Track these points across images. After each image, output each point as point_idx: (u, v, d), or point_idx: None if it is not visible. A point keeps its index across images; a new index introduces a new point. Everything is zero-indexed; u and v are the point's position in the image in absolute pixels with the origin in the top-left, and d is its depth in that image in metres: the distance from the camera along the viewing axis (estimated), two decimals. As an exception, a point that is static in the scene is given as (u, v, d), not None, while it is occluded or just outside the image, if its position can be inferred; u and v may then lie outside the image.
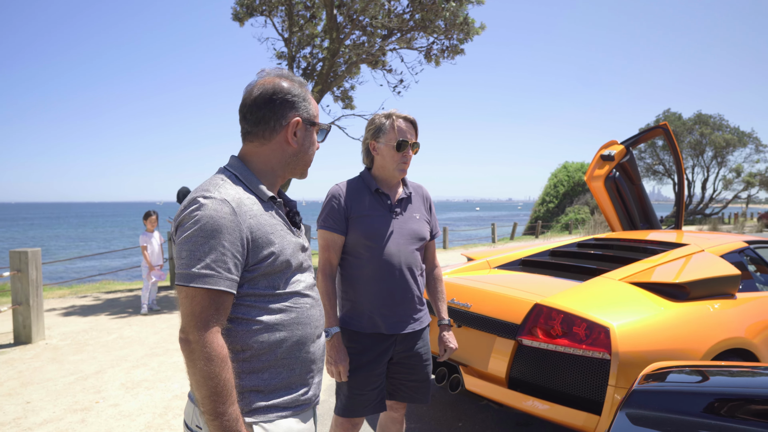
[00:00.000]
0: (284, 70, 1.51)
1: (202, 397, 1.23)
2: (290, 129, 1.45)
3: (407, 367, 2.34)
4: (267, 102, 1.43)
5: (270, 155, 1.46)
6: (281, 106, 1.43)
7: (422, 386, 2.38)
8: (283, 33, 11.36)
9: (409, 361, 2.33)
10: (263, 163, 1.46)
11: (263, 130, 1.44)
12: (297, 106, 1.45)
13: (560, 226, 31.45)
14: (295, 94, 1.46)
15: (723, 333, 2.79)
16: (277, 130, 1.44)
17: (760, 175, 37.21)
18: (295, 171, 1.52)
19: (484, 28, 11.36)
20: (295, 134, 1.46)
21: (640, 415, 1.48)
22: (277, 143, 1.46)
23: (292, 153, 1.48)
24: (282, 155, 1.47)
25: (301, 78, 1.52)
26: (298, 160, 1.50)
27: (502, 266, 4.06)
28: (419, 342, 2.35)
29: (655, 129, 5.61)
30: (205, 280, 1.24)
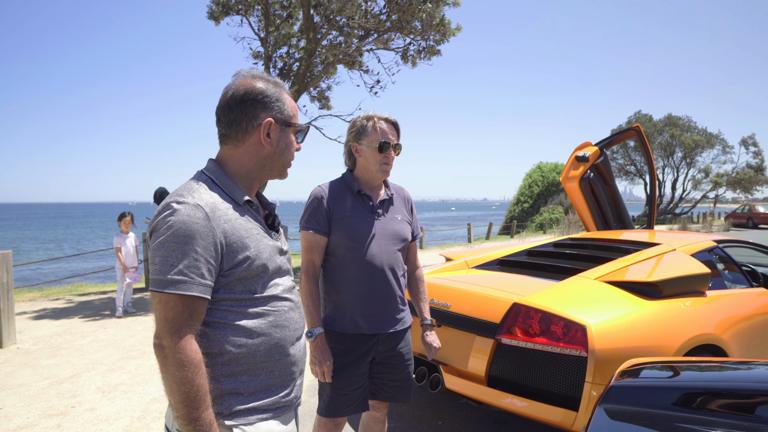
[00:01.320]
0: (259, 71, 1.51)
1: (175, 402, 1.23)
2: (263, 130, 1.44)
3: (389, 367, 2.36)
4: (238, 103, 1.43)
5: (245, 157, 1.45)
6: (252, 106, 1.43)
7: (404, 386, 2.41)
8: (259, 32, 11.29)
9: (391, 361, 2.36)
10: (239, 166, 1.46)
11: (236, 132, 1.44)
12: (269, 106, 1.44)
13: (535, 225, 31.80)
14: (268, 94, 1.45)
15: (694, 330, 2.88)
16: (250, 132, 1.44)
17: (727, 175, 38.14)
18: (272, 172, 1.51)
19: (460, 29, 11.46)
20: (269, 135, 1.45)
21: (618, 410, 1.53)
22: (251, 145, 1.45)
23: (267, 154, 1.47)
24: (257, 157, 1.46)
25: (277, 78, 1.52)
26: (274, 162, 1.49)
27: (480, 266, 4.11)
28: (401, 342, 2.38)
29: (628, 131, 5.74)
30: (179, 286, 1.25)
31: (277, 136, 1.46)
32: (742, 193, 38.56)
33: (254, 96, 1.43)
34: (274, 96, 1.46)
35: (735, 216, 32.31)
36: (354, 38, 11.24)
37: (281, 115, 1.47)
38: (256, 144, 1.45)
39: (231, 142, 1.45)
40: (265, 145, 1.45)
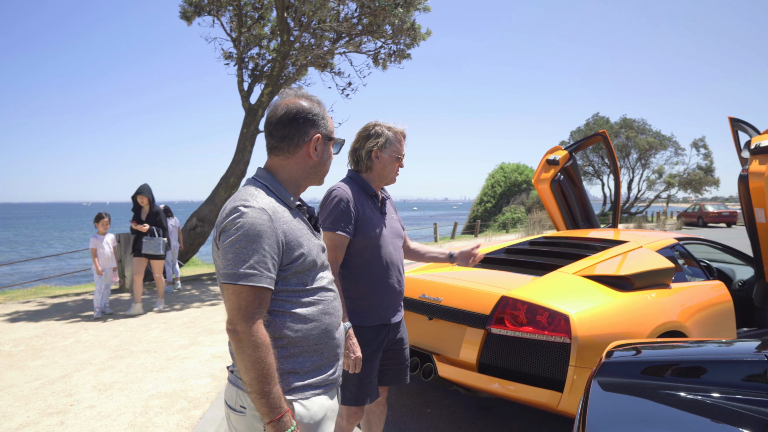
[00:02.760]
0: (303, 91, 1.72)
1: (250, 379, 1.42)
2: (312, 144, 1.65)
3: (394, 353, 2.60)
4: (291, 120, 1.63)
5: (294, 167, 1.67)
6: (304, 124, 1.64)
7: (404, 368, 2.66)
8: (231, 33, 11.34)
9: (395, 346, 2.59)
10: (288, 175, 1.67)
11: (288, 146, 1.65)
12: (317, 123, 1.66)
13: (497, 225, 32.49)
14: (315, 113, 1.66)
15: (661, 318, 3.20)
16: (300, 146, 1.65)
17: (679, 176, 39.75)
18: (314, 180, 1.73)
19: (430, 33, 11.76)
20: (316, 149, 1.67)
21: (609, 382, 1.80)
22: (301, 157, 1.66)
23: (313, 165, 1.69)
24: (304, 167, 1.68)
25: (318, 98, 1.73)
26: (318, 171, 1.71)
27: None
28: (401, 328, 2.63)
29: (595, 136, 6.11)
30: (251, 278, 1.44)
31: (322, 149, 1.68)
32: (693, 193, 40.22)
33: (305, 115, 1.64)
34: (320, 114, 1.68)
35: (686, 215, 33.77)
36: (326, 41, 11.41)
37: (326, 131, 1.69)
38: (305, 156, 1.66)
39: (282, 153, 1.66)
40: (312, 157, 1.67)
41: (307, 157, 1.67)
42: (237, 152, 10.67)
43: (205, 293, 9.00)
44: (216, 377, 4.57)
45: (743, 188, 4.33)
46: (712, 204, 33.94)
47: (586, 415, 1.53)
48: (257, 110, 10.56)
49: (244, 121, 10.69)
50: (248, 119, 10.61)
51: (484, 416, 3.79)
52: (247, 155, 10.67)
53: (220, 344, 5.66)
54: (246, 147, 10.59)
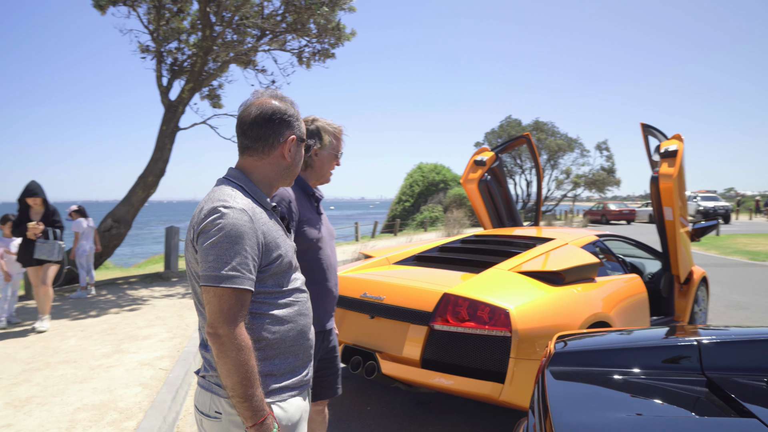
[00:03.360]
0: (277, 92, 1.72)
1: (233, 383, 1.41)
2: (287, 146, 1.65)
3: (327, 362, 2.45)
4: (267, 121, 1.62)
5: (268, 168, 1.66)
6: (279, 125, 1.63)
7: (336, 378, 2.50)
8: (148, 26, 10.83)
9: (328, 355, 2.45)
10: (262, 175, 1.65)
11: (263, 146, 1.63)
12: (292, 125, 1.66)
13: (416, 224, 33.09)
14: (291, 114, 1.66)
15: (590, 310, 3.43)
16: (275, 147, 1.64)
17: (585, 176, 42.18)
18: (285, 181, 1.73)
19: (355, 34, 11.82)
20: (290, 150, 1.66)
21: (561, 371, 1.92)
22: (275, 158, 1.65)
23: (286, 166, 1.68)
24: (278, 168, 1.67)
25: (291, 99, 1.73)
26: (290, 172, 1.71)
27: (400, 262, 4.46)
28: (333, 335, 2.50)
29: (519, 138, 6.40)
30: (233, 280, 1.42)
31: (295, 150, 1.68)
32: (597, 193, 42.81)
33: (280, 115, 1.63)
34: (295, 116, 1.68)
35: (591, 213, 35.96)
36: (249, 37, 11.18)
37: (300, 133, 1.69)
38: (279, 157, 1.65)
39: (256, 154, 1.64)
40: (287, 159, 1.66)
41: (281, 158, 1.66)
42: (156, 150, 10.22)
43: (122, 298, 8.56)
44: (147, 386, 4.38)
45: (654, 189, 4.71)
46: (614, 202, 36.38)
47: (546, 402, 1.62)
48: (177, 107, 10.17)
49: (163, 118, 10.25)
50: (168, 116, 10.19)
51: (423, 411, 3.89)
52: (167, 153, 10.25)
53: (146, 351, 5.42)
54: (165, 145, 10.16)
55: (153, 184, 10.18)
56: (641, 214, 34.27)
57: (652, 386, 1.74)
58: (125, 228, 10.14)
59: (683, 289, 5.29)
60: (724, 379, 1.75)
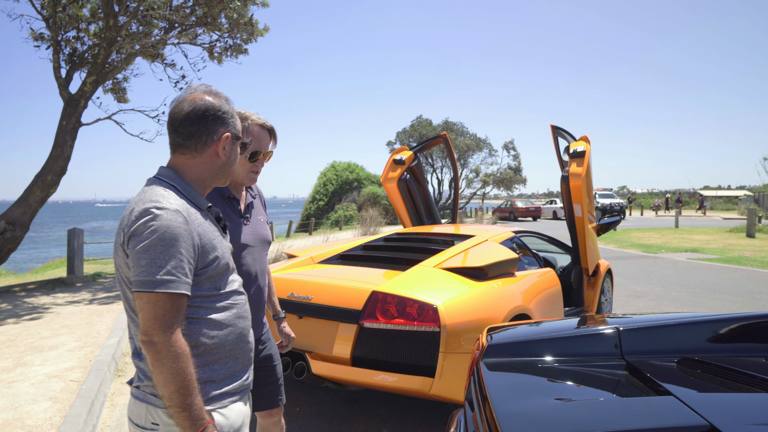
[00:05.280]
0: (212, 87, 1.65)
1: (170, 392, 1.35)
2: (221, 143, 1.59)
3: (263, 371, 2.31)
4: (200, 118, 1.55)
5: (201, 167, 1.59)
6: (213, 122, 1.57)
7: (277, 388, 2.36)
8: (42, 11, 10.03)
9: (262, 364, 2.31)
10: (195, 174, 1.59)
11: (196, 144, 1.57)
12: (227, 122, 1.60)
13: (330, 222, 33.04)
14: (225, 111, 1.61)
15: (512, 303, 3.59)
16: (209, 144, 1.58)
17: (493, 175, 43.88)
18: (220, 181, 1.67)
19: (268, 29, 11.61)
20: (224, 148, 1.61)
21: (495, 363, 2.00)
22: (208, 156, 1.59)
23: (220, 165, 1.62)
24: (212, 167, 1.61)
25: (226, 95, 1.67)
26: (224, 171, 1.65)
27: (325, 261, 4.45)
28: (268, 344, 2.36)
29: (437, 138, 6.56)
30: (168, 285, 1.36)
31: (230, 149, 1.63)
32: (505, 191, 44.66)
33: (214, 112, 1.57)
34: (230, 113, 1.62)
35: (500, 210, 37.51)
36: (156, 29, 10.69)
37: (235, 130, 1.64)
38: (212, 155, 1.59)
39: (189, 152, 1.58)
40: (221, 157, 1.60)
41: (215, 157, 1.60)
42: (55, 147, 9.51)
43: (20, 307, 7.92)
44: (57, 399, 4.09)
45: (565, 187, 4.99)
46: (521, 200, 38.11)
47: (485, 393, 1.69)
48: (79, 101, 9.51)
49: (63, 113, 9.55)
50: (68, 110, 9.52)
51: (352, 409, 3.91)
52: (68, 150, 9.56)
53: (53, 362, 5.06)
54: (66, 141, 9.48)
55: (53, 183, 9.47)
56: (546, 211, 36.21)
57: (580, 372, 1.85)
58: (21, 231, 9.37)
59: (591, 281, 5.65)
60: (642, 362, 1.91)
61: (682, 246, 16.44)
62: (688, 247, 16.00)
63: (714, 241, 17.97)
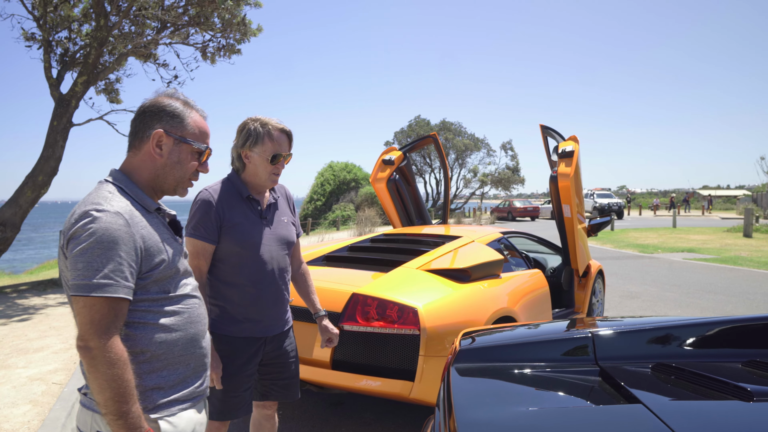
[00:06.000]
0: (177, 92, 1.61)
1: (105, 399, 1.30)
2: (153, 140, 1.52)
3: (278, 367, 2.44)
4: (140, 114, 1.55)
5: (141, 166, 1.54)
6: (150, 118, 1.53)
7: (293, 383, 2.51)
8: (33, 11, 9.99)
9: (278, 360, 2.43)
10: (138, 175, 1.54)
11: (135, 140, 1.54)
12: (163, 119, 1.54)
13: (328, 222, 33.00)
14: (168, 110, 1.54)
15: (496, 305, 3.54)
16: (145, 141, 1.53)
17: (491, 175, 43.86)
18: (165, 185, 1.57)
19: (261, 30, 11.56)
20: (160, 147, 1.53)
21: (466, 368, 1.96)
22: (146, 154, 1.54)
23: (160, 166, 1.54)
24: (152, 167, 1.54)
25: (188, 99, 1.62)
26: (167, 174, 1.56)
27: (309, 262, 4.39)
28: (287, 341, 2.47)
29: (426, 138, 6.51)
30: (105, 289, 1.32)
31: (168, 149, 1.54)
32: (503, 191, 44.64)
33: (153, 109, 1.54)
34: (173, 112, 1.55)
35: (498, 210, 37.48)
36: (149, 29, 10.63)
37: (175, 130, 1.55)
38: (149, 153, 1.53)
39: (131, 150, 1.55)
40: (156, 156, 1.53)
41: (150, 155, 1.54)
42: (46, 147, 9.46)
43: (10, 308, 7.87)
44: (37, 402, 4.04)
45: (553, 187, 4.94)
46: (519, 200, 38.10)
47: (451, 400, 1.64)
48: (70, 101, 9.46)
49: (54, 113, 9.50)
50: (59, 110, 9.47)
51: (336, 412, 3.86)
52: (59, 151, 9.51)
53: (36, 365, 5.01)
54: (57, 141, 9.43)
55: (44, 184, 9.42)
56: (544, 210, 36.16)
57: (551, 378, 1.80)
58: (12, 232, 9.32)
59: (582, 282, 5.60)
60: (615, 368, 1.86)
61: (678, 246, 16.42)
62: (685, 247, 15.97)
63: (711, 241, 17.95)
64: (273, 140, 2.26)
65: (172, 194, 1.62)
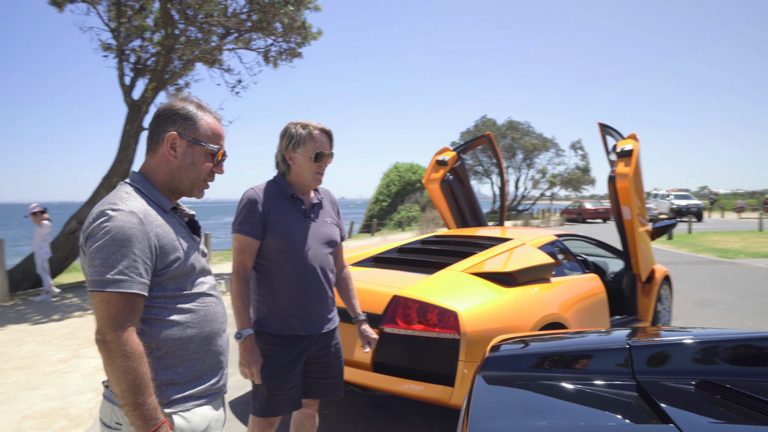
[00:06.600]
0: (192, 96, 1.65)
1: (122, 391, 1.35)
2: (167, 142, 1.56)
3: (322, 366, 2.46)
4: (156, 118, 1.59)
5: (158, 167, 1.58)
6: (164, 121, 1.57)
7: (336, 382, 2.52)
8: (109, 23, 10.58)
9: (323, 359, 2.45)
10: (155, 176, 1.58)
11: (152, 143, 1.59)
12: (176, 121, 1.57)
13: (393, 223, 33.06)
14: (182, 114, 1.58)
15: (543, 311, 3.40)
16: (160, 144, 1.57)
17: (561, 175, 42.63)
18: (181, 186, 1.61)
19: (321, 33, 11.72)
20: (174, 149, 1.57)
21: (493, 376, 1.88)
22: (161, 156, 1.58)
23: (175, 167, 1.58)
24: (167, 168, 1.58)
25: (202, 102, 1.64)
26: (182, 175, 1.59)
27: (357, 264, 4.39)
28: (332, 341, 2.48)
29: (480, 138, 6.37)
30: (119, 284, 1.37)
31: (182, 151, 1.58)
32: (573, 192, 43.28)
33: (167, 113, 1.58)
34: (188, 115, 1.58)
35: (568, 212, 36.33)
36: (214, 36, 11.01)
37: (185, 131, 1.58)
38: (164, 155, 1.57)
39: (149, 153, 1.60)
40: (170, 158, 1.57)
41: (165, 157, 1.58)
42: (120, 150, 10.01)
43: (88, 301, 8.37)
44: (100, 391, 4.26)
45: (612, 188, 4.71)
46: (590, 201, 36.77)
47: (469, 408, 1.58)
48: (141, 106, 9.96)
49: (126, 118, 10.05)
50: (131, 116, 9.99)
51: (381, 414, 3.83)
52: (131, 154, 10.04)
53: (101, 357, 5.28)
54: (129, 145, 9.96)
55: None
56: (616, 212, 34.66)
57: (581, 391, 1.70)
58: (89, 230, 9.91)
59: (646, 288, 5.32)
60: (653, 383, 1.72)
61: (763, 251, 15.29)
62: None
63: (801, 245, 16.64)
64: (314, 140, 2.33)
65: (188, 195, 1.66)
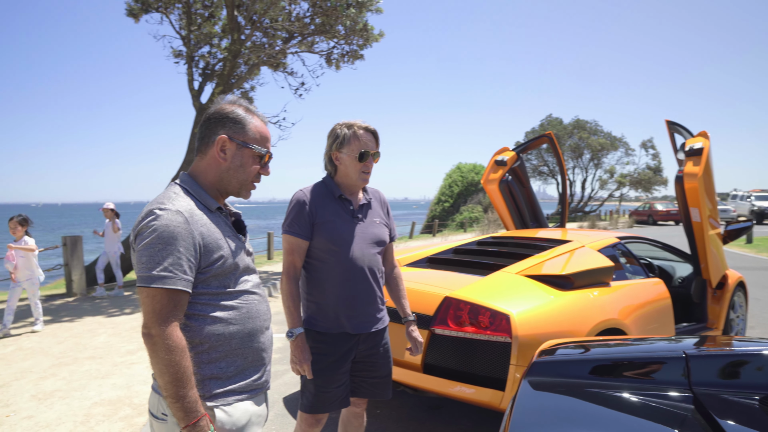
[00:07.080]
0: (239, 99, 1.70)
1: (164, 383, 1.41)
2: (218, 145, 1.61)
3: (369, 365, 2.47)
4: (206, 121, 1.64)
5: (207, 169, 1.64)
6: (214, 124, 1.63)
7: (383, 382, 2.52)
8: (180, 31, 11.09)
9: (371, 359, 2.46)
10: (204, 177, 1.64)
11: (202, 146, 1.65)
12: (226, 125, 1.62)
13: (455, 224, 32.78)
14: (231, 117, 1.63)
15: (601, 316, 3.29)
16: (210, 146, 1.63)
17: (630, 175, 40.96)
18: (230, 187, 1.66)
19: (383, 35, 11.79)
20: (224, 151, 1.62)
21: (539, 381, 1.84)
22: (211, 158, 1.63)
23: (225, 169, 1.64)
24: (217, 170, 1.64)
25: (249, 105, 1.70)
26: (231, 177, 1.64)
27: (411, 264, 4.39)
28: (381, 340, 2.49)
29: (541, 137, 6.23)
30: (165, 281, 1.43)
31: (232, 153, 1.63)
32: (644, 192, 41.52)
33: (217, 116, 1.63)
34: (236, 118, 1.63)
35: (637, 213, 34.89)
36: (278, 40, 11.30)
37: (235, 134, 1.63)
38: (214, 157, 1.63)
39: (199, 155, 1.66)
40: (220, 160, 1.63)
41: (215, 159, 1.63)
42: (188, 152, 10.46)
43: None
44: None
45: (679, 189, 4.50)
46: (661, 203, 35.18)
47: (509, 416, 1.55)
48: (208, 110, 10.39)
49: (195, 121, 10.49)
50: (199, 119, 10.42)
51: (432, 416, 3.82)
52: (199, 155, 10.48)
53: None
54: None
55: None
56: (690, 214, 32.99)
57: (630, 402, 1.64)
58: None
59: (717, 295, 5.04)
60: (711, 396, 1.64)
61: None
62: None
63: None
64: (359, 139, 2.36)
65: (236, 195, 1.72)
